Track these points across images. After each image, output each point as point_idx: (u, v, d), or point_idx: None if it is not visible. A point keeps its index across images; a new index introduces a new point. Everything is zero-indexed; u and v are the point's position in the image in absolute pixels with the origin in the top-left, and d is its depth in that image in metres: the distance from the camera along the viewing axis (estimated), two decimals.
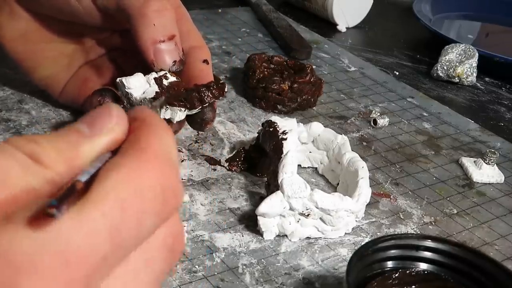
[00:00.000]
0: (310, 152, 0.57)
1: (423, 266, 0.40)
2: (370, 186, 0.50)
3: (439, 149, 0.65)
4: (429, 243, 0.40)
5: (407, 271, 0.39)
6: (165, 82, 0.49)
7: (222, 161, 0.57)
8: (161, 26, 0.48)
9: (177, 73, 0.50)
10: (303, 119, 0.66)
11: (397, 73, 0.84)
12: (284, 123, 0.53)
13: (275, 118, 0.54)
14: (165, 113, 0.48)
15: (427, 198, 0.56)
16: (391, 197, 0.56)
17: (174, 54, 0.49)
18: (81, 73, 0.57)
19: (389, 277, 0.39)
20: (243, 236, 0.48)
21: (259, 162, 0.55)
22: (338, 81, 0.78)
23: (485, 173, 0.60)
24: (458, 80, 0.82)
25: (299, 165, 0.56)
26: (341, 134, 0.56)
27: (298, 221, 0.47)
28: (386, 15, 1.08)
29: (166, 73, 0.49)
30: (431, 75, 0.84)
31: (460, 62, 0.82)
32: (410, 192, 0.57)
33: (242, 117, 0.65)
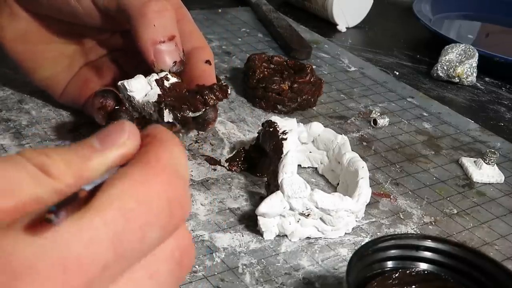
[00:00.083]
0: (310, 152, 0.57)
1: (423, 266, 0.40)
2: (370, 186, 0.50)
3: (439, 149, 0.65)
4: (429, 243, 0.40)
5: (407, 271, 0.39)
6: (166, 83, 0.49)
7: (222, 161, 0.57)
8: (161, 26, 0.48)
9: (178, 73, 0.50)
10: (303, 119, 0.66)
11: (397, 73, 0.84)
12: (284, 123, 0.53)
13: (275, 118, 0.54)
14: (169, 116, 0.48)
15: (427, 198, 0.56)
16: (391, 197, 0.56)
17: (174, 54, 0.49)
18: (82, 74, 0.57)
19: (389, 277, 0.39)
20: (243, 236, 0.48)
21: (259, 162, 0.55)
22: (338, 81, 0.78)
23: (485, 173, 0.60)
24: (458, 80, 0.82)
25: (299, 165, 0.56)
26: (341, 134, 0.56)
27: (298, 221, 0.47)
28: (386, 15, 1.08)
29: (167, 74, 0.49)
30: (431, 75, 0.84)
31: (460, 62, 0.82)
32: (410, 192, 0.57)
33: (242, 117, 0.65)
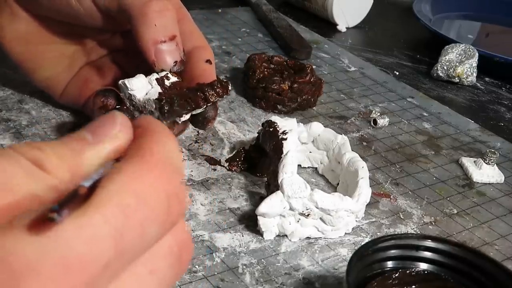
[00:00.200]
0: (310, 152, 0.57)
1: (423, 266, 0.40)
2: (370, 186, 0.50)
3: (439, 149, 0.65)
4: (429, 243, 0.40)
5: (407, 271, 0.39)
6: (167, 83, 0.49)
7: (222, 161, 0.57)
8: (162, 26, 0.48)
9: (178, 73, 0.50)
10: (303, 119, 0.66)
11: (397, 73, 0.84)
12: (284, 123, 0.53)
13: (275, 118, 0.54)
14: (170, 114, 0.48)
15: (427, 198, 0.56)
16: (391, 197, 0.56)
17: (175, 54, 0.49)
18: (82, 74, 0.57)
19: (389, 277, 0.39)
20: (243, 236, 0.48)
21: (259, 162, 0.55)
22: (338, 81, 0.78)
23: (485, 173, 0.60)
24: (458, 80, 0.82)
25: (299, 165, 0.56)
26: (341, 134, 0.56)
27: (298, 221, 0.47)
28: (386, 15, 1.08)
29: (168, 73, 0.49)
30: (431, 75, 0.84)
31: (460, 62, 0.82)
32: (410, 192, 0.57)
33: (242, 117, 0.65)
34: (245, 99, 0.69)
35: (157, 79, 0.49)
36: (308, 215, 0.47)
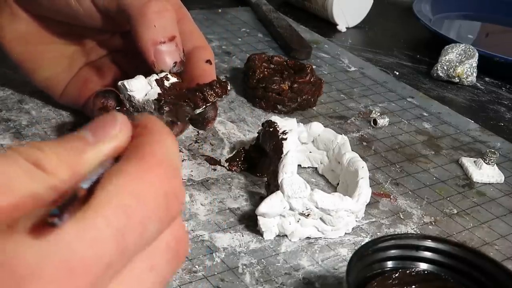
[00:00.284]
0: (310, 152, 0.57)
1: (423, 266, 0.40)
2: (370, 186, 0.50)
3: (439, 149, 0.65)
4: (429, 243, 0.40)
5: (407, 271, 0.39)
6: (166, 84, 0.49)
7: (222, 161, 0.57)
8: (161, 27, 0.48)
9: (178, 74, 0.50)
10: (303, 119, 0.66)
11: (397, 73, 0.84)
12: (284, 123, 0.53)
13: (275, 118, 0.54)
14: (170, 114, 0.48)
15: (427, 198, 0.56)
16: (391, 197, 0.56)
17: (174, 55, 0.49)
18: (82, 74, 0.57)
19: (389, 277, 0.39)
20: (243, 236, 0.48)
21: (259, 162, 0.55)
22: (338, 81, 0.78)
23: (485, 173, 0.60)
24: (458, 80, 0.82)
25: (299, 165, 0.56)
26: (341, 134, 0.56)
27: (298, 221, 0.47)
28: (386, 15, 1.08)
29: (167, 74, 0.49)
30: (431, 75, 0.84)
31: (460, 62, 0.82)
32: (410, 192, 0.57)
33: (242, 117, 0.65)
34: (245, 99, 0.69)
35: (156, 80, 0.49)
36: (308, 215, 0.47)
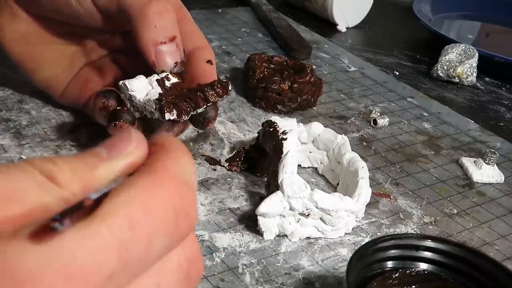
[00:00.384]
0: (310, 152, 0.57)
1: (423, 266, 0.40)
2: (370, 186, 0.50)
3: (439, 149, 0.65)
4: (429, 243, 0.40)
5: (407, 271, 0.39)
6: (167, 84, 0.49)
7: (222, 161, 0.57)
8: (162, 27, 0.48)
9: (179, 74, 0.50)
10: (303, 119, 0.66)
11: (397, 73, 0.84)
12: (284, 123, 0.53)
13: (275, 118, 0.54)
14: (170, 114, 0.48)
15: (427, 198, 0.56)
16: (391, 197, 0.56)
17: (175, 55, 0.49)
18: (82, 74, 0.57)
19: (389, 277, 0.39)
20: (243, 236, 0.48)
21: (259, 162, 0.55)
22: (338, 81, 0.78)
23: (485, 173, 0.60)
24: (458, 80, 0.82)
25: (299, 165, 0.56)
26: (341, 134, 0.56)
27: (298, 221, 0.47)
28: (386, 15, 1.08)
29: (168, 74, 0.49)
30: (431, 75, 0.84)
31: (460, 62, 0.82)
32: (410, 192, 0.57)
33: (242, 117, 0.65)
34: (245, 99, 0.69)
35: (157, 80, 0.49)
36: (308, 215, 0.47)
